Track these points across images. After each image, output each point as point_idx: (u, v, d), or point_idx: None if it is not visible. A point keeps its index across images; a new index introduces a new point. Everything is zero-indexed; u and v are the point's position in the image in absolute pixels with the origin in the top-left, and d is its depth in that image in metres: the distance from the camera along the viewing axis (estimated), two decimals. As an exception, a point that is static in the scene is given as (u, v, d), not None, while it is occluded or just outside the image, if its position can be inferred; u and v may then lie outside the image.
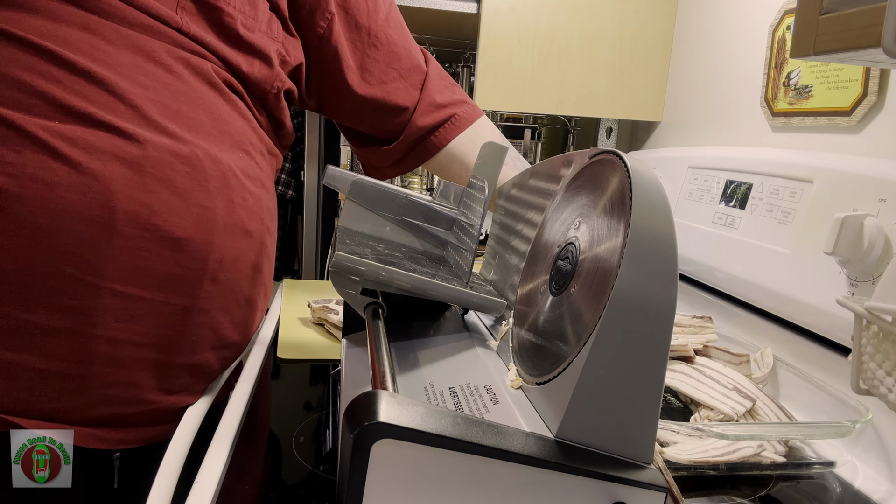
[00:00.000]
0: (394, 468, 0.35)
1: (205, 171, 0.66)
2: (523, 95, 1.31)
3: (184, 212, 0.64)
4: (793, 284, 0.76)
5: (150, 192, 0.61)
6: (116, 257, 0.60)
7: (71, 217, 0.58)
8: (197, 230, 0.65)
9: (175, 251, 0.64)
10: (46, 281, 0.58)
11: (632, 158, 0.44)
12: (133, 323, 0.63)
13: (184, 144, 0.64)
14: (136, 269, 0.61)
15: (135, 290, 0.62)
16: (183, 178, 0.64)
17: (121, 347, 0.63)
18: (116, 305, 0.61)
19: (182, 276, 0.65)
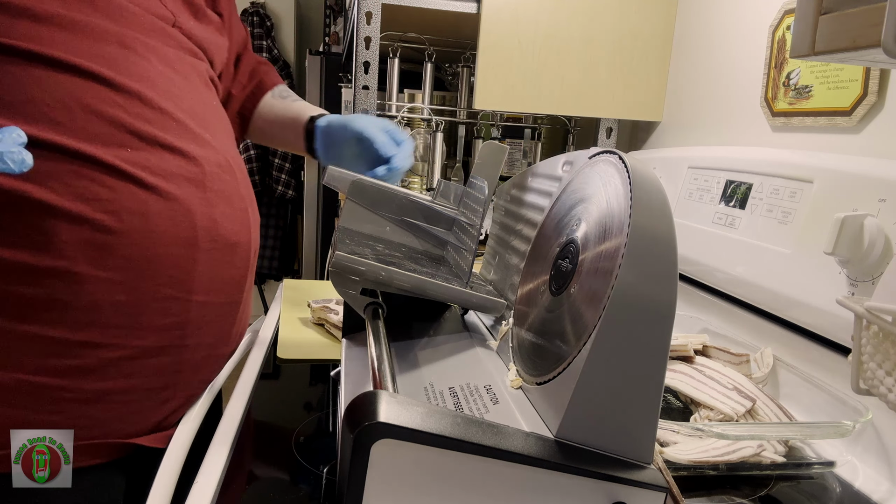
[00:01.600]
0: (394, 468, 0.35)
1: (236, 176, 0.71)
2: (523, 95, 1.31)
3: (234, 217, 0.69)
4: (793, 284, 0.76)
5: (213, 206, 0.66)
6: (200, 271, 0.65)
7: (166, 242, 0.61)
8: (243, 232, 0.70)
9: (233, 255, 0.69)
10: (151, 305, 0.62)
11: (632, 158, 0.44)
12: (208, 326, 0.68)
13: (218, 153, 0.68)
14: (212, 278, 0.66)
15: (210, 296, 0.67)
16: (227, 187, 0.69)
17: (200, 351, 0.68)
18: (200, 314, 0.66)
19: (237, 276, 0.71)
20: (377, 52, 1.31)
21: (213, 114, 0.72)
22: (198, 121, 0.67)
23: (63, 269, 0.57)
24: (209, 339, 0.69)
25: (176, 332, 0.64)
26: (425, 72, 1.48)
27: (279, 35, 3.49)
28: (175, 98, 0.65)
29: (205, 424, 0.70)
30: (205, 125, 0.68)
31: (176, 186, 0.62)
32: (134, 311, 0.60)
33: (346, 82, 2.04)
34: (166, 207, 0.61)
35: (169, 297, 0.63)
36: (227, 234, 0.67)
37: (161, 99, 0.63)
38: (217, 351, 0.72)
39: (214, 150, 0.68)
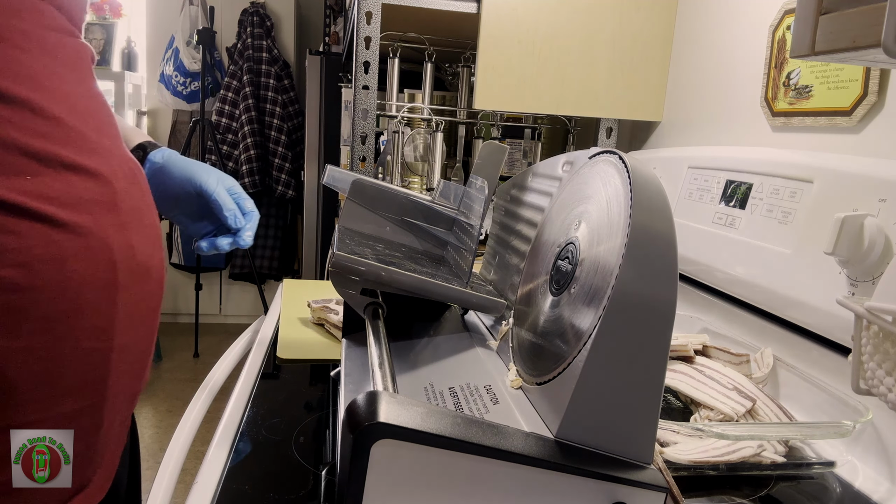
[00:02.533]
0: (394, 468, 0.35)
1: (140, 184, 0.60)
2: (523, 95, 1.31)
3: (146, 237, 0.59)
4: (793, 284, 0.76)
5: (128, 230, 0.56)
6: (120, 313, 0.55)
7: (84, 289, 0.52)
8: (155, 251, 0.60)
9: (149, 281, 0.59)
10: (71, 365, 0.52)
11: (632, 158, 0.44)
12: (129, 367, 0.59)
13: (123, 162, 0.58)
14: (132, 317, 0.57)
15: (130, 335, 0.57)
16: (137, 201, 0.58)
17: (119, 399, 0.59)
18: (120, 359, 0.57)
19: (153, 304, 0.61)
20: (377, 52, 1.31)
21: (104, 111, 0.59)
22: (95, 124, 0.56)
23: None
24: (128, 379, 0.59)
25: (98, 387, 0.55)
26: (425, 72, 1.48)
27: (279, 35, 3.49)
28: (67, 100, 0.53)
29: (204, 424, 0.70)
30: (102, 129, 0.57)
31: (89, 217, 0.52)
32: (53, 378, 0.51)
33: (346, 82, 2.04)
34: (83, 246, 0.51)
35: (90, 351, 0.53)
36: (142, 258, 0.57)
37: (52, 104, 0.51)
38: (133, 391, 0.62)
39: (119, 159, 0.57)
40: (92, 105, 0.57)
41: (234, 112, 3.35)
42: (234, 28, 3.42)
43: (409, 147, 1.57)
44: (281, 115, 3.38)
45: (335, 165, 0.76)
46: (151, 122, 3.61)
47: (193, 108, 3.42)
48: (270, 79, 3.34)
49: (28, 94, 0.50)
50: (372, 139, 1.37)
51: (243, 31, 3.36)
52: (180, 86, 3.44)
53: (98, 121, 0.56)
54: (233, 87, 3.34)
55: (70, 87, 0.54)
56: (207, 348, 3.30)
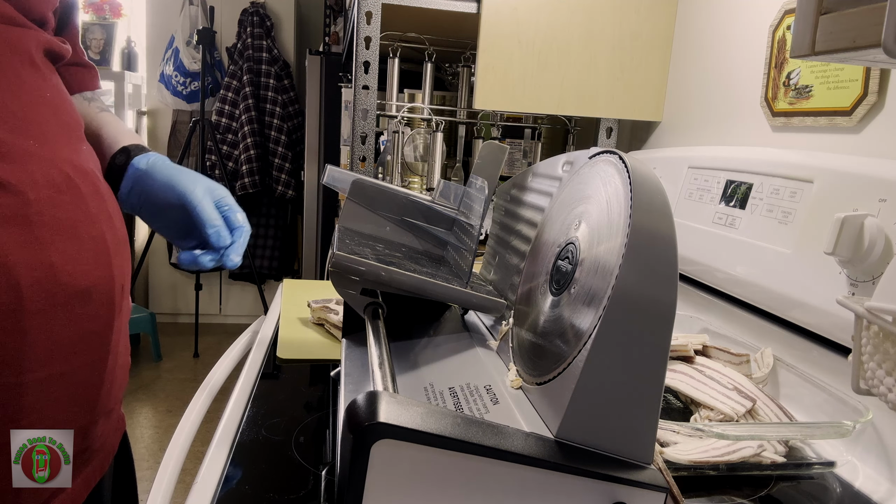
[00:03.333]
0: (394, 468, 0.35)
1: (80, 191, 0.53)
2: (523, 95, 1.31)
3: (81, 254, 0.51)
4: (793, 284, 0.76)
5: (45, 247, 0.48)
6: (32, 343, 0.48)
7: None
8: (98, 269, 0.53)
9: (85, 304, 0.52)
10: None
11: (632, 158, 0.44)
12: (56, 403, 0.52)
13: (52, 167, 0.51)
14: (53, 345, 0.50)
15: (54, 367, 0.50)
16: (68, 212, 0.51)
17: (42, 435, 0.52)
18: (40, 394, 0.50)
19: (96, 328, 0.54)
20: (377, 52, 1.31)
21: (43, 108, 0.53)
22: (13, 124, 0.49)
23: None
24: (61, 414, 0.52)
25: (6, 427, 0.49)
26: (425, 72, 1.48)
27: (279, 35, 3.49)
28: None
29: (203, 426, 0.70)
30: (25, 129, 0.50)
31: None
32: None
33: (346, 82, 2.04)
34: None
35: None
36: (70, 280, 0.50)
37: None
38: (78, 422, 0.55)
39: (41, 163, 0.50)
40: (15, 102, 0.49)
41: (234, 112, 3.35)
42: (234, 28, 3.42)
43: (409, 147, 1.57)
44: (281, 115, 3.38)
45: (335, 165, 0.76)
46: (151, 122, 3.61)
47: (193, 108, 3.42)
48: (270, 79, 3.35)
49: None
50: (372, 139, 1.37)
51: (243, 31, 3.36)
52: (180, 86, 3.45)
53: (22, 120, 0.49)
54: (233, 87, 3.35)
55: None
56: (207, 348, 3.30)
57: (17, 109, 0.50)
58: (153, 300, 3.65)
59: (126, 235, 0.59)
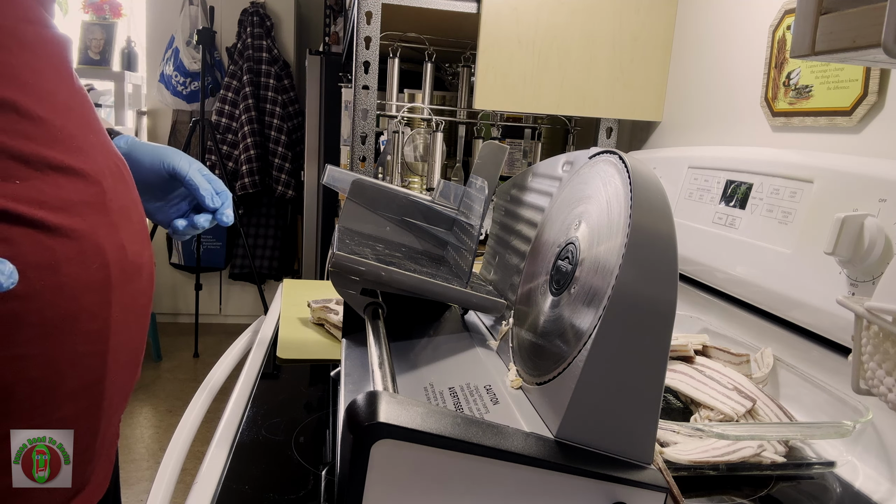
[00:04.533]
0: (394, 468, 0.35)
1: (126, 179, 0.59)
2: (523, 95, 1.31)
3: (136, 235, 0.58)
4: (793, 284, 0.76)
5: (119, 230, 0.55)
6: (115, 316, 0.54)
7: (79, 293, 0.51)
8: (144, 248, 0.59)
9: (140, 279, 0.58)
10: (69, 371, 0.52)
11: (632, 158, 0.44)
12: (123, 368, 0.58)
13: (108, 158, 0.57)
14: (126, 316, 0.56)
15: (123, 336, 0.57)
16: (125, 199, 0.57)
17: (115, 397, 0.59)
18: (115, 360, 0.56)
19: (144, 302, 0.60)
20: (377, 52, 1.31)
21: (87, 105, 0.57)
22: (78, 121, 0.54)
23: None
24: (123, 378, 0.59)
25: (94, 390, 0.55)
26: (425, 72, 1.48)
27: (279, 35, 3.49)
28: (50, 97, 0.52)
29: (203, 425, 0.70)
30: (86, 124, 0.55)
31: (80, 219, 0.51)
32: (51, 384, 0.51)
33: (346, 82, 2.04)
34: (75, 250, 0.50)
35: (87, 355, 0.53)
36: (133, 257, 0.57)
37: (36, 103, 0.50)
38: (128, 388, 0.62)
39: (105, 156, 0.56)
40: (75, 100, 0.55)
41: (234, 112, 3.35)
42: (234, 28, 3.42)
43: (409, 147, 1.57)
44: (281, 115, 3.38)
45: (335, 165, 0.76)
46: (151, 122, 3.61)
47: (193, 108, 3.42)
48: (270, 79, 3.34)
49: (12, 95, 0.48)
50: (372, 139, 1.37)
51: (243, 31, 3.36)
52: (180, 86, 3.44)
53: (82, 116, 0.55)
54: (233, 87, 3.34)
55: (52, 84, 0.53)
56: (207, 348, 3.30)
57: (76, 107, 0.54)
58: (153, 300, 3.64)
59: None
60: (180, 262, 3.56)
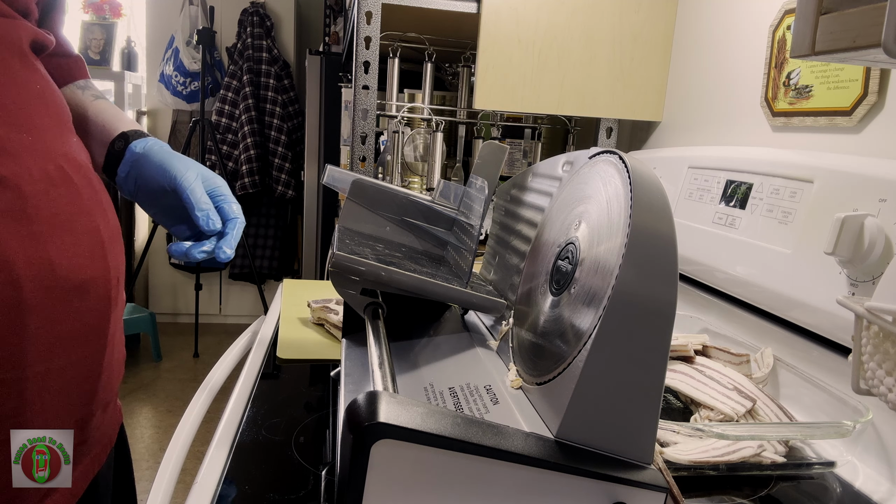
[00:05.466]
0: (394, 468, 0.35)
1: (74, 183, 0.53)
2: (523, 95, 1.31)
3: (77, 247, 0.51)
4: (793, 284, 0.76)
5: (42, 241, 0.48)
6: (33, 337, 0.48)
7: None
8: (93, 262, 0.53)
9: (83, 298, 0.52)
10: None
11: (632, 158, 0.44)
12: (56, 396, 0.52)
13: (47, 160, 0.51)
14: (54, 340, 0.50)
15: (54, 362, 0.50)
16: (63, 205, 0.51)
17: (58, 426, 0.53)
18: (40, 389, 0.50)
19: (93, 323, 0.54)
20: (377, 52, 1.31)
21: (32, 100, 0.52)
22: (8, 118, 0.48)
23: None
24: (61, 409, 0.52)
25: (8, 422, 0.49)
26: (425, 72, 1.48)
27: (279, 35, 3.49)
28: None
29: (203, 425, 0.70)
30: (18, 122, 0.49)
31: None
32: None
33: (346, 82, 2.04)
34: None
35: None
36: (68, 273, 0.50)
37: None
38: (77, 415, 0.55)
39: (36, 157, 0.49)
40: (10, 99, 0.49)
41: (234, 112, 3.35)
42: (234, 28, 3.42)
43: (409, 147, 1.57)
44: (281, 115, 3.38)
45: (335, 165, 0.76)
46: (151, 122, 3.61)
47: (193, 108, 3.42)
48: (270, 79, 3.34)
49: None
50: (372, 139, 1.37)
51: (243, 31, 3.36)
52: (180, 86, 3.44)
53: (14, 114, 0.49)
54: (233, 87, 3.34)
55: None
56: (207, 348, 3.30)
57: (10, 103, 0.49)
58: (153, 300, 3.65)
59: (119, 227, 0.58)
60: (180, 262, 3.56)
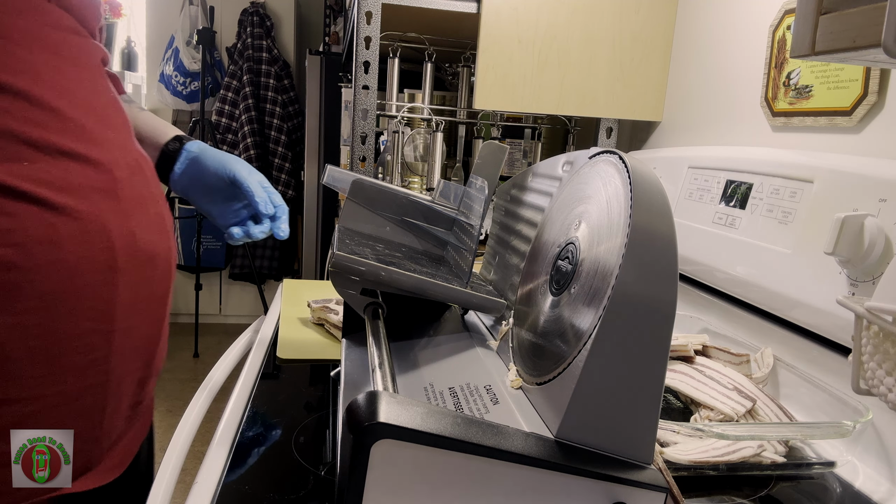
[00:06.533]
0: (394, 468, 0.35)
1: (146, 174, 0.63)
2: (523, 95, 1.31)
3: (150, 225, 0.61)
4: (793, 284, 0.76)
5: (129, 217, 0.58)
6: (121, 296, 0.57)
7: (83, 271, 0.54)
8: (161, 241, 0.62)
9: (153, 269, 0.61)
10: (71, 344, 0.54)
11: (632, 158, 0.44)
12: (133, 353, 0.61)
13: (127, 153, 0.61)
14: (134, 302, 0.59)
15: (134, 320, 0.59)
16: (141, 190, 0.61)
17: (124, 382, 0.61)
18: (123, 343, 0.59)
19: (158, 291, 0.63)
20: (377, 52, 1.31)
21: (112, 107, 0.62)
22: (97, 117, 0.58)
23: None
24: (134, 365, 0.62)
25: (100, 369, 0.57)
26: (425, 72, 1.48)
27: (279, 35, 3.49)
28: (68, 93, 0.56)
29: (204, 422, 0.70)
30: (106, 121, 0.59)
31: (86, 202, 0.54)
32: (51, 355, 0.53)
33: (346, 82, 2.04)
34: (79, 229, 0.53)
35: (90, 332, 0.55)
36: (145, 246, 0.59)
37: (52, 96, 0.54)
38: (140, 374, 0.64)
39: (122, 151, 0.60)
40: (97, 100, 0.59)
41: (234, 112, 3.35)
42: (234, 28, 3.42)
43: (409, 147, 1.57)
44: (281, 115, 3.38)
45: (335, 165, 0.76)
46: (151, 122, 3.61)
47: (193, 107, 3.42)
48: (270, 79, 3.34)
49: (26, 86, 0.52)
50: (372, 139, 1.37)
51: (243, 31, 3.36)
52: (180, 86, 3.44)
53: (102, 114, 0.59)
54: (233, 87, 3.34)
55: (72, 83, 0.57)
56: (207, 348, 3.30)
57: (98, 106, 0.59)
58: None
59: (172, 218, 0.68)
60: (181, 262, 3.56)
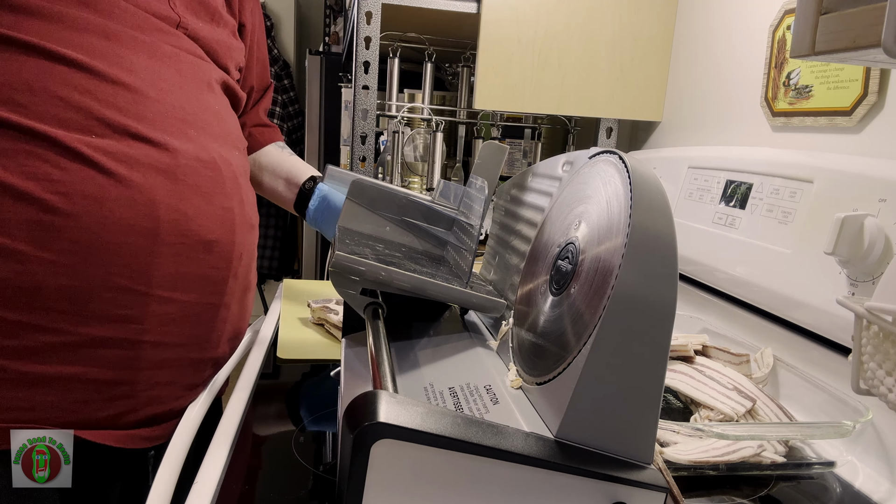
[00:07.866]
0: (394, 468, 0.35)
1: (221, 173, 0.70)
2: (523, 95, 1.31)
3: (211, 215, 0.67)
4: (793, 284, 0.76)
5: (184, 199, 0.64)
6: (162, 265, 0.63)
7: (121, 230, 0.60)
8: (223, 231, 0.69)
9: (207, 253, 0.67)
10: (101, 294, 0.60)
11: (632, 158, 0.44)
12: (175, 325, 0.66)
13: (203, 150, 0.68)
14: (178, 275, 0.65)
15: (177, 294, 0.65)
16: (207, 183, 0.68)
17: (165, 350, 0.66)
18: (162, 311, 0.64)
19: (213, 276, 0.69)
20: (377, 52, 1.31)
21: (209, 114, 0.71)
22: (184, 116, 0.66)
23: (3, 245, 0.56)
24: (178, 339, 0.67)
25: (132, 326, 0.62)
26: (425, 72, 1.48)
27: (279, 35, 3.49)
28: (162, 91, 0.64)
29: (205, 424, 0.70)
30: (192, 122, 0.67)
31: (140, 175, 0.61)
32: (80, 298, 0.59)
33: (346, 82, 2.04)
34: (125, 194, 0.60)
35: (123, 288, 0.61)
36: (199, 230, 0.66)
37: (142, 90, 0.63)
38: (191, 354, 0.70)
39: (197, 146, 0.67)
40: (191, 104, 0.67)
41: (234, 112, 3.35)
42: (234, 28, 3.42)
43: (409, 147, 1.57)
44: (281, 114, 3.38)
45: (335, 165, 0.76)
46: (151, 122, 3.61)
47: (193, 108, 3.42)
48: (270, 79, 3.34)
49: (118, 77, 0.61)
50: (372, 139, 1.37)
51: (243, 31, 3.36)
52: (180, 86, 3.44)
53: (192, 116, 0.67)
54: (233, 87, 3.34)
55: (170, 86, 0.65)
56: (207, 348, 3.29)
57: (189, 109, 0.67)
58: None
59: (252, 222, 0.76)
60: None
